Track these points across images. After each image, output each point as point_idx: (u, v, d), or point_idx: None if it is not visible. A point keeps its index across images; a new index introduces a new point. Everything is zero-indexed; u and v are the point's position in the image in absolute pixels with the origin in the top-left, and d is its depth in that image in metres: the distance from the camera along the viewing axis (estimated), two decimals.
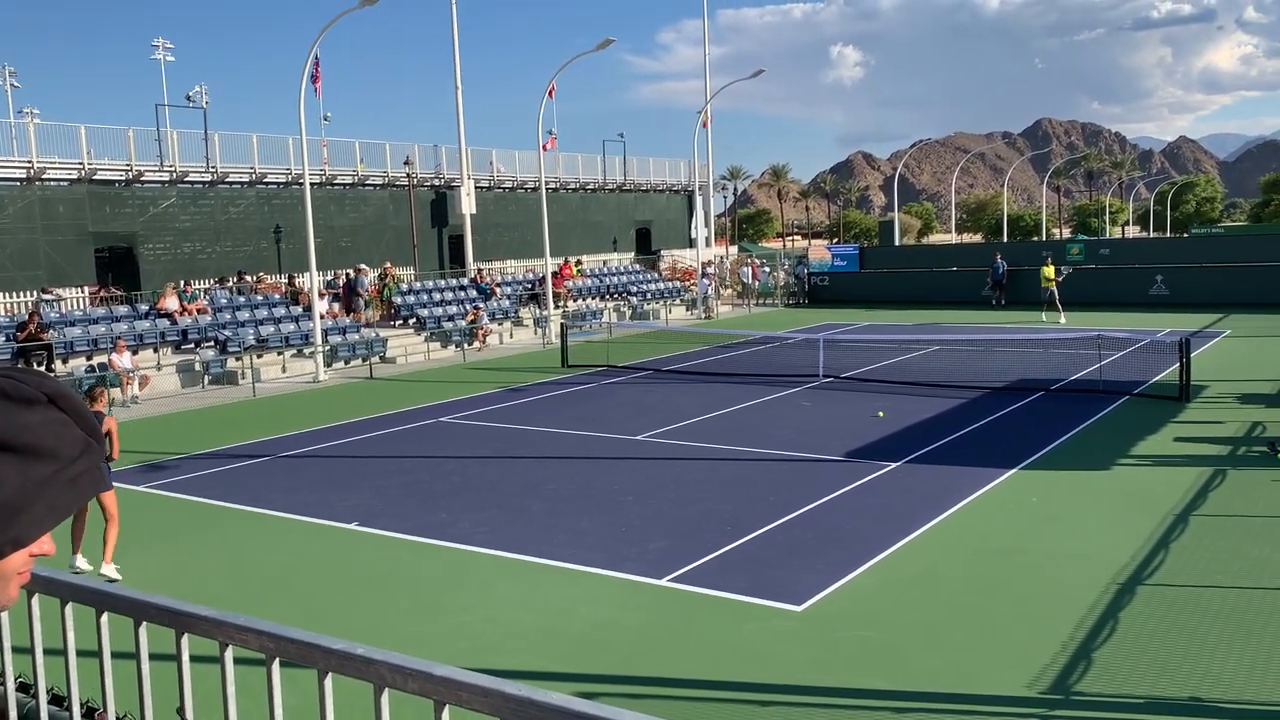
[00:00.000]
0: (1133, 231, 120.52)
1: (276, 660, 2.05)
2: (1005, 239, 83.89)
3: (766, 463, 14.42)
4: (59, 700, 2.67)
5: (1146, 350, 22.67)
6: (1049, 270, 33.48)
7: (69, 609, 2.43)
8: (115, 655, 2.45)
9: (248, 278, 30.66)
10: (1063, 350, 24.06)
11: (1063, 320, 31.22)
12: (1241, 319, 31.24)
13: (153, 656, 2.40)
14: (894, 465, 13.95)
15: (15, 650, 2.71)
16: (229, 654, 2.13)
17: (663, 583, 9.60)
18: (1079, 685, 7.21)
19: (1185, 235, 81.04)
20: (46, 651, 2.55)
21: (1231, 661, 7.49)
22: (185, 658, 2.26)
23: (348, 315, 30.36)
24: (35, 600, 2.50)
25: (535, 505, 12.48)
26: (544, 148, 36.34)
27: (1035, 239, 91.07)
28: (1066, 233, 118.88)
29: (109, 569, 10.27)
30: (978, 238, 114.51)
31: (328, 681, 1.97)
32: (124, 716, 2.63)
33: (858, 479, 13.22)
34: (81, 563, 10.38)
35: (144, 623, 2.26)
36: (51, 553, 1.28)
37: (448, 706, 1.74)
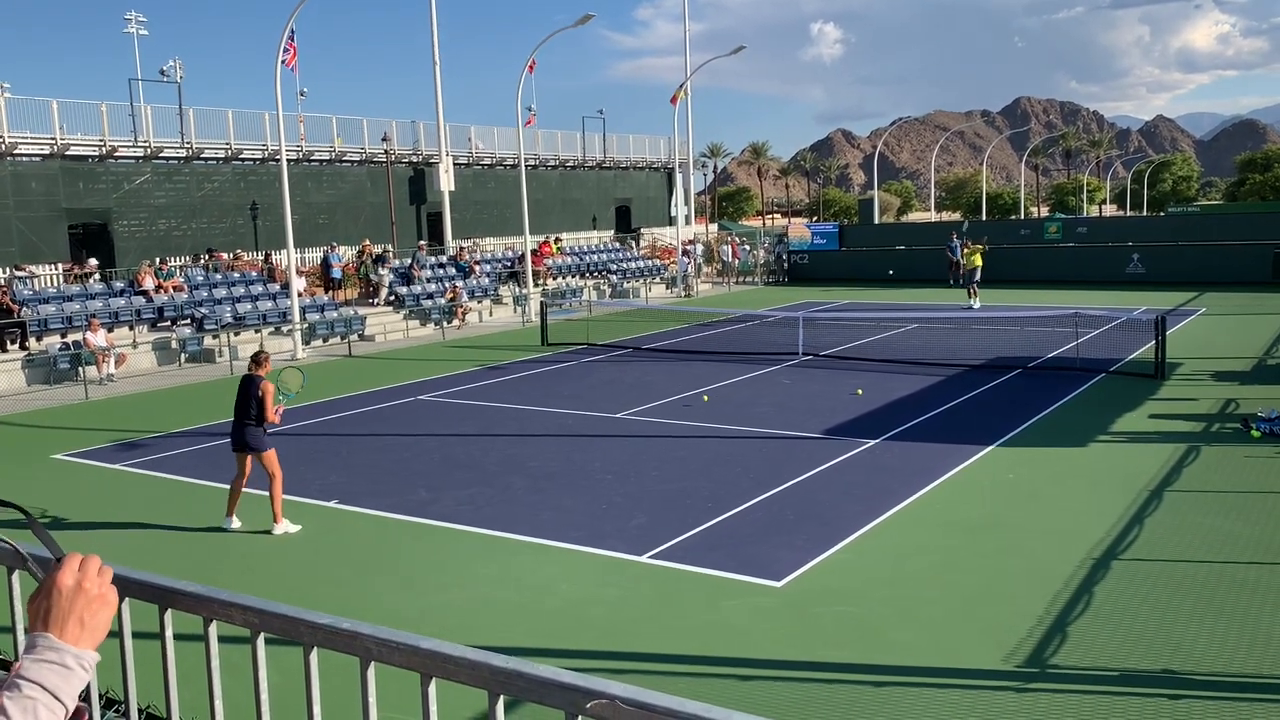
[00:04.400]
0: (1110, 210, 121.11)
1: (261, 635, 2.05)
2: (984, 217, 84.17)
3: (746, 440, 14.46)
4: None
5: (1122, 328, 22.84)
6: (979, 251, 32.16)
7: None
8: None
9: (224, 255, 30.38)
10: (1040, 328, 24.22)
11: (976, 304, 30.37)
12: (1216, 297, 31.52)
13: (135, 635, 2.39)
14: (872, 442, 14.03)
15: None
16: (213, 629, 2.13)
17: (643, 559, 9.63)
18: (1054, 659, 7.30)
19: (1161, 214, 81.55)
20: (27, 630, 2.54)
21: (1203, 635, 7.60)
22: (169, 634, 2.25)
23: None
24: (15, 578, 2.49)
25: (516, 483, 12.48)
26: (527, 123, 36.09)
27: (1014, 217, 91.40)
28: (1044, 211, 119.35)
29: (281, 527, 10.73)
30: (957, 216, 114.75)
31: (313, 656, 1.97)
32: (106, 693, 2.63)
33: (836, 456, 13.29)
34: (236, 524, 10.90)
35: (126, 599, 2.25)
36: None
37: (434, 679, 1.75)
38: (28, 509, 1.53)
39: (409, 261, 32.68)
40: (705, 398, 13.54)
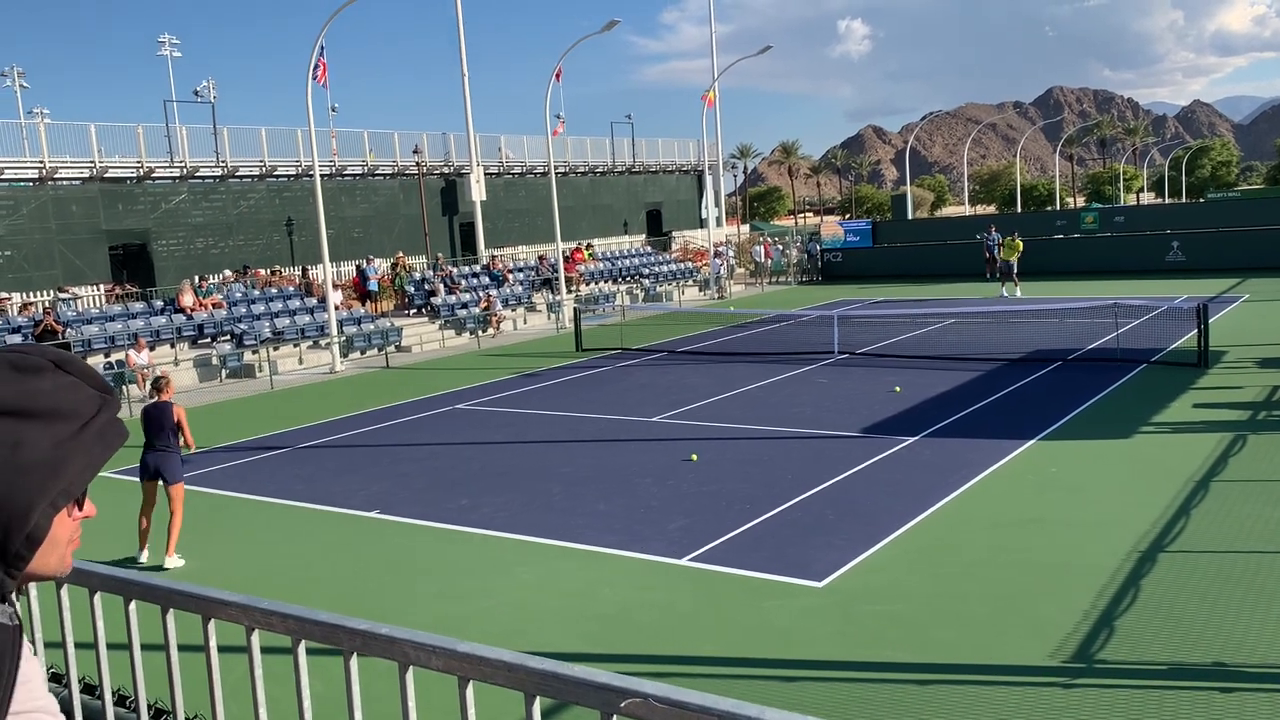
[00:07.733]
0: (1148, 198, 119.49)
1: (302, 643, 2.08)
2: (1019, 209, 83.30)
3: (783, 441, 14.42)
4: (90, 689, 2.71)
5: (1164, 317, 22.54)
6: (1018, 244, 33.20)
7: (98, 598, 2.47)
8: (145, 648, 2.48)
9: (261, 272, 30.76)
10: (1079, 320, 23.93)
11: (1019, 292, 31.48)
12: (1260, 283, 30.97)
13: (181, 648, 2.43)
14: (912, 440, 13.93)
15: (46, 644, 2.75)
16: (255, 638, 2.16)
17: (683, 562, 9.63)
18: (1101, 654, 7.20)
19: (1201, 200, 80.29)
20: (76, 643, 2.59)
21: (1255, 626, 7.47)
22: (213, 644, 2.29)
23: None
24: (65, 591, 2.54)
25: (554, 489, 12.53)
26: (554, 133, 36.23)
27: (1050, 209, 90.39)
28: (1081, 201, 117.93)
29: (172, 560, 10.61)
30: (991, 209, 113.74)
31: (353, 662, 1.99)
32: (155, 703, 2.67)
33: (876, 454, 13.21)
34: (145, 557, 10.73)
35: (171, 609, 2.29)
36: (94, 514, 1.33)
37: (472, 682, 1.76)
38: None
39: (448, 274, 32.92)
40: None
